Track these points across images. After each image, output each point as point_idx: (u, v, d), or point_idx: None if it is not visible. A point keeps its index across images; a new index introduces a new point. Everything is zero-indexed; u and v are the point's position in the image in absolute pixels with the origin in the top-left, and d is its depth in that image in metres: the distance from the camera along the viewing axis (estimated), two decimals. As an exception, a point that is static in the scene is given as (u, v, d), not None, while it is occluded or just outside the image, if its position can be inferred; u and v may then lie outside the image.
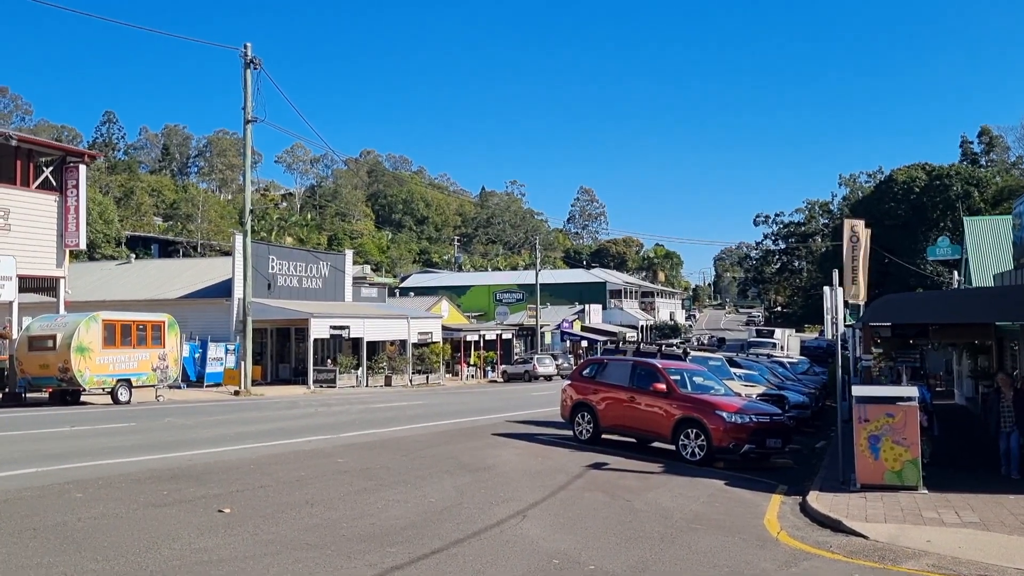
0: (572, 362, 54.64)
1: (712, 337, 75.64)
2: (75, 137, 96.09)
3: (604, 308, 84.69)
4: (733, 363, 25.37)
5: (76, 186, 28.49)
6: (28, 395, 25.57)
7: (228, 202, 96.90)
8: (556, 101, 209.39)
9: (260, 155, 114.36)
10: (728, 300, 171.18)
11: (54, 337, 24.75)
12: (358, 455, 13.98)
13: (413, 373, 43.63)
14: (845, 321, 20.40)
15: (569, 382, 18.56)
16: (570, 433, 17.55)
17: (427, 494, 10.78)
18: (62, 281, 28.65)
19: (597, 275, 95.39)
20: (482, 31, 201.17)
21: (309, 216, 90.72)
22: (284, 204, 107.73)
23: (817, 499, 11.33)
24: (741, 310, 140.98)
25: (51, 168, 28.36)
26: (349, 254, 49.78)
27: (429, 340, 45.98)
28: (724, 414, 15.10)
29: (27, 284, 27.99)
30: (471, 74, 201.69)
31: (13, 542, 7.46)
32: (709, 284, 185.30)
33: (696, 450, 15.13)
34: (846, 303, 17.03)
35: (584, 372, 18.48)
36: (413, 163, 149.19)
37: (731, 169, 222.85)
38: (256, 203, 36.99)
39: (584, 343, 70.35)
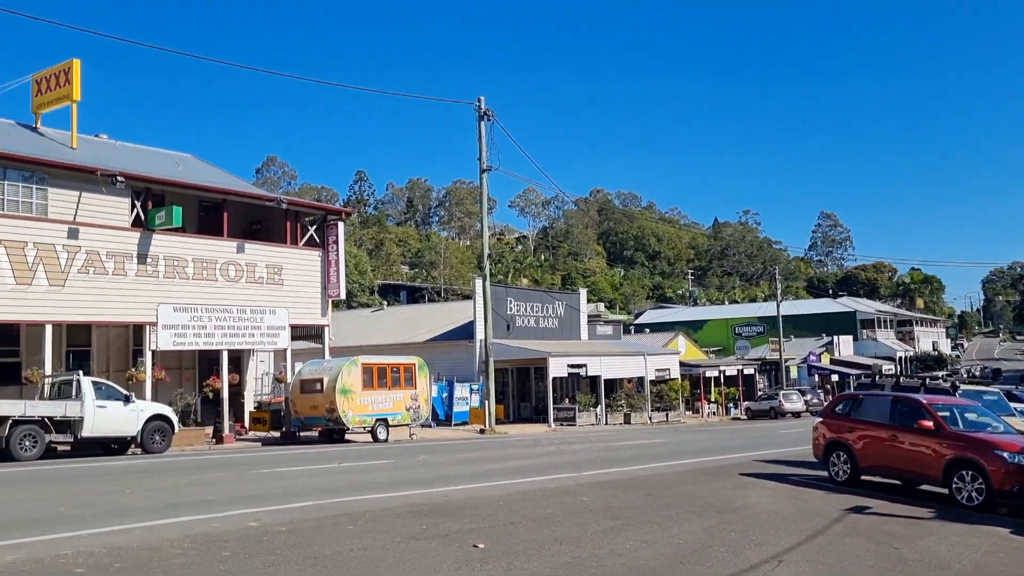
0: (822, 398, 51.51)
1: (985, 368, 68.39)
2: (332, 196, 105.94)
3: (855, 339, 79.25)
4: (1012, 397, 22.78)
5: (336, 242, 31.26)
6: (301, 433, 28.15)
7: (467, 247, 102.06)
8: (790, 127, 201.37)
9: (495, 201, 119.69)
10: (1002, 327, 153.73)
11: (321, 380, 27.11)
12: (602, 493, 13.99)
13: (652, 410, 43.15)
14: None
15: (821, 419, 17.50)
16: (824, 474, 16.51)
17: (674, 535, 10.55)
18: (326, 329, 31.41)
19: (845, 304, 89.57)
20: (707, 66, 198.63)
21: (543, 257, 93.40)
22: (519, 247, 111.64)
23: None
24: (1019, 337, 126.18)
25: (314, 227, 31.35)
26: (583, 293, 50.49)
27: (667, 377, 45.36)
28: (1005, 454, 13.53)
29: (297, 332, 30.95)
30: (697, 108, 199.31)
31: (297, 570, 8.18)
32: (977, 310, 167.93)
33: (973, 494, 13.65)
34: None
35: (837, 408, 17.35)
36: (642, 199, 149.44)
37: (993, 178, 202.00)
38: (493, 247, 38.75)
39: (834, 377, 66.20)
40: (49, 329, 23.76)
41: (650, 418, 42.49)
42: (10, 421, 19.40)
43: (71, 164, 25.01)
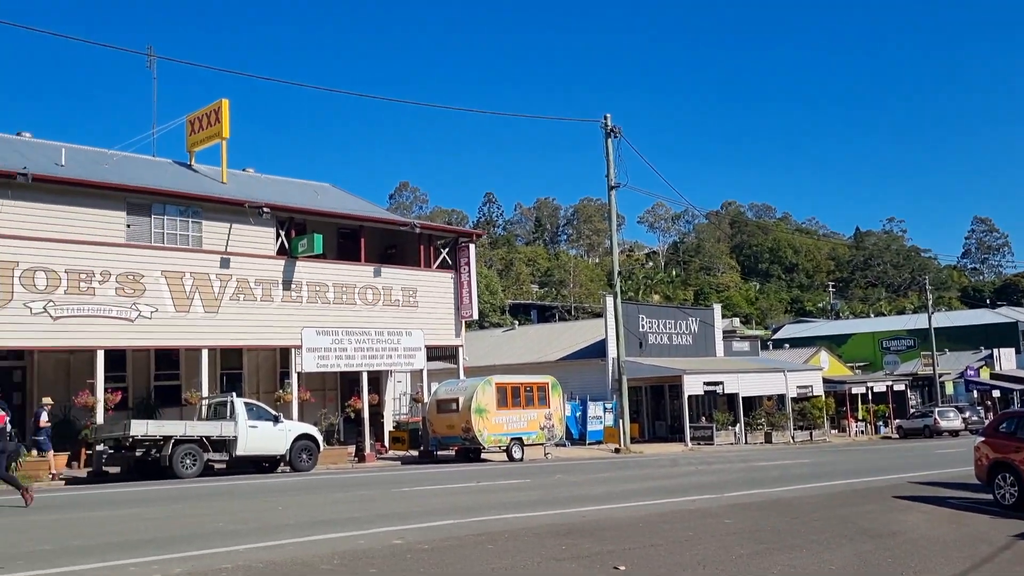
0: (982, 415, 48.15)
1: None
2: (462, 218, 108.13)
3: (1017, 352, 73.65)
4: None
5: (468, 263, 31.83)
6: (438, 452, 28.68)
7: (596, 265, 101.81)
8: (934, 132, 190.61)
9: (623, 217, 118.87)
10: None
11: (457, 400, 27.58)
12: (744, 516, 13.52)
13: (794, 429, 41.52)
14: None
15: (983, 438, 16.32)
16: (988, 496, 15.36)
17: (825, 560, 10.05)
18: (460, 349, 31.97)
19: (1006, 314, 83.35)
20: (843, 70, 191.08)
21: (673, 273, 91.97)
22: (649, 263, 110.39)
23: None
24: None
25: (447, 249, 32.06)
26: (717, 308, 49.30)
27: (809, 394, 43.57)
28: None
29: (432, 353, 31.64)
30: (833, 114, 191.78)
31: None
32: None
33: None
34: None
35: (1001, 427, 16.14)
36: (777, 210, 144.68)
37: None
38: (622, 264, 38.43)
39: (995, 393, 61.72)
40: (205, 353, 25.28)
41: (792, 437, 40.89)
42: (172, 440, 20.71)
43: (222, 198, 26.62)
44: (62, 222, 22.92)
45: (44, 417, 21.18)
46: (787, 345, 67.57)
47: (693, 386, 37.65)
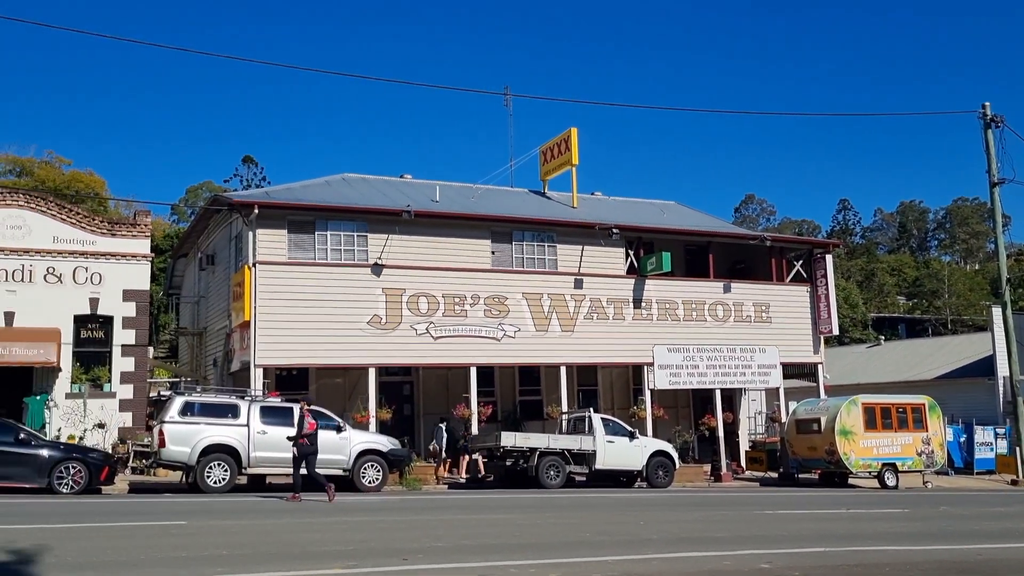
0: None
1: None
2: (814, 229, 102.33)
3: None
4: None
5: (824, 275, 29.98)
6: (799, 475, 27.16)
7: (976, 272, 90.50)
8: None
9: (1008, 217, 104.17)
10: None
11: (818, 420, 25.95)
12: None
13: None
14: None
15: None
16: None
17: None
18: (820, 366, 30.11)
19: None
20: None
21: (1078, 278, 78.46)
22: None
23: None
24: None
25: (800, 262, 30.46)
26: None
27: None
28: None
29: (788, 371, 30.19)
30: None
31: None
32: None
33: None
34: None
35: None
36: None
37: None
38: (1010, 270, 33.61)
39: None
40: (564, 370, 26.55)
41: None
42: (538, 452, 21.96)
43: (574, 221, 27.90)
44: (438, 251, 25.58)
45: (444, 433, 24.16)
46: None
47: (1113, 410, 31.60)
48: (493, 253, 26.50)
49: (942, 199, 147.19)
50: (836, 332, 32.08)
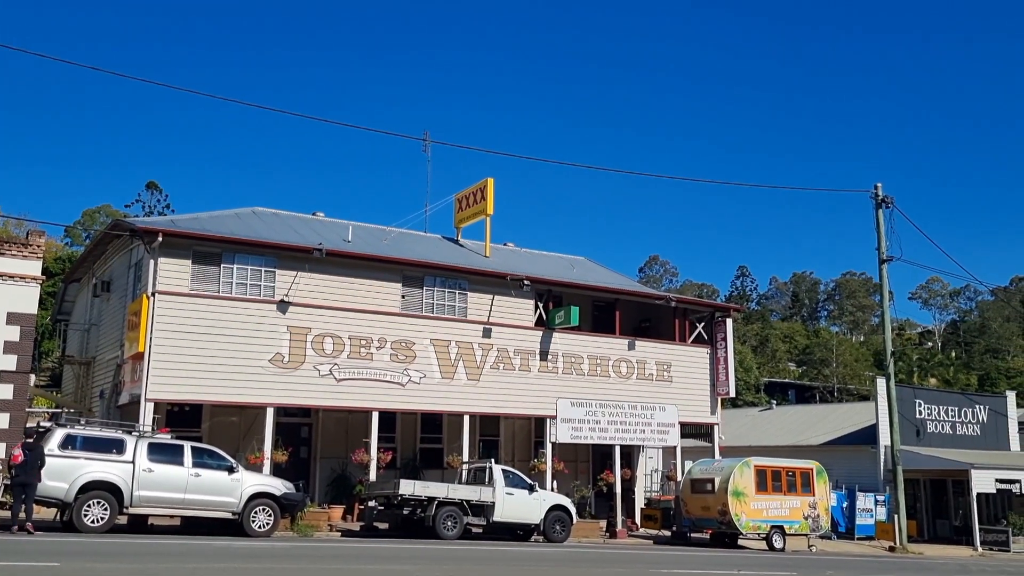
0: None
1: None
2: (714, 292, 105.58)
3: None
4: None
5: (724, 339, 30.86)
6: (692, 534, 27.54)
7: (861, 344, 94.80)
8: None
9: (891, 293, 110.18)
10: None
11: (712, 480, 26.45)
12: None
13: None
14: None
15: None
16: None
17: None
18: (716, 427, 30.82)
19: None
20: None
21: (953, 354, 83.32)
22: (930, 344, 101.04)
23: None
24: None
25: (702, 324, 31.30)
26: (1011, 396, 43.63)
27: None
28: None
29: (686, 430, 30.77)
30: None
31: None
32: None
33: None
34: None
35: None
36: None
37: None
38: (893, 344, 35.33)
39: None
40: (467, 419, 26.34)
41: (1112, 550, 34.80)
42: (436, 502, 21.60)
43: (486, 271, 27.97)
44: (347, 292, 25.18)
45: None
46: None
47: (983, 482, 33.32)
48: (403, 297, 26.27)
49: (832, 271, 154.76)
50: (733, 394, 32.91)
